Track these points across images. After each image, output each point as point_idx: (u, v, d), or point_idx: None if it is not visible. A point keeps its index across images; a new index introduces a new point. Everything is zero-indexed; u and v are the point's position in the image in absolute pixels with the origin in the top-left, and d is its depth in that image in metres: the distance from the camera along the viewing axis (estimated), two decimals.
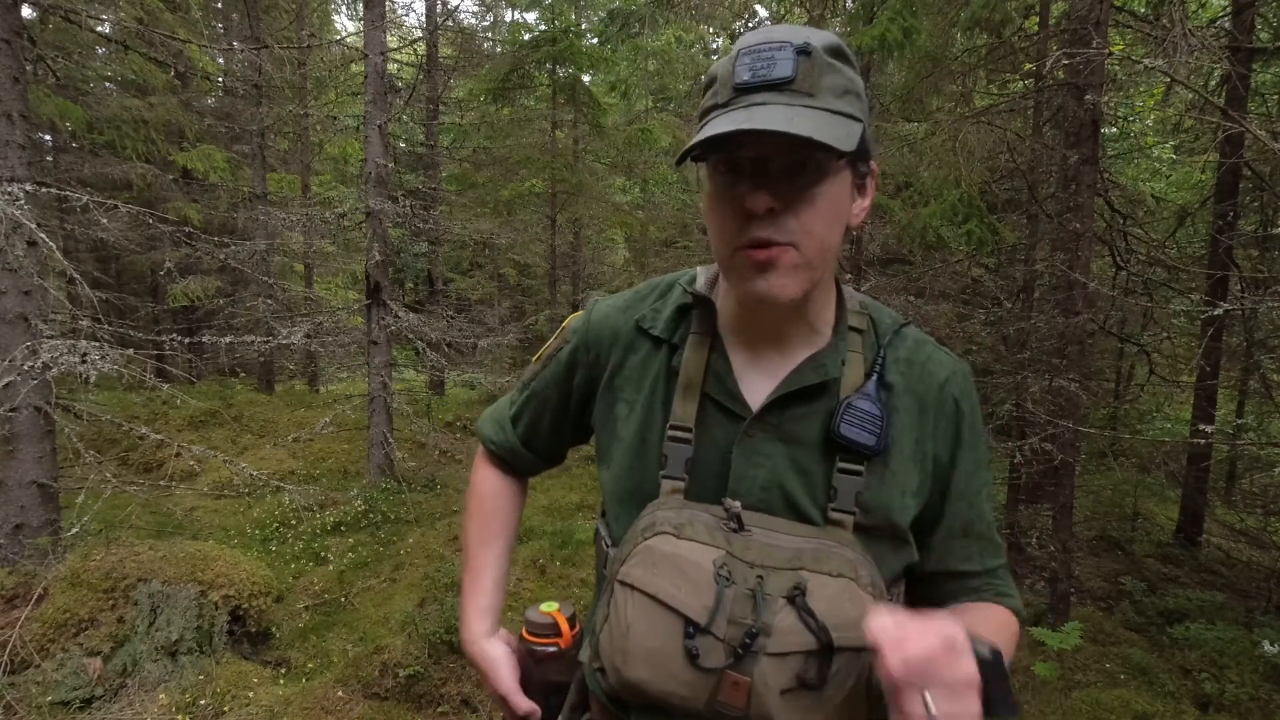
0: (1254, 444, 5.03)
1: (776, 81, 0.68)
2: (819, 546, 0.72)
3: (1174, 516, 6.29)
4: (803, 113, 0.66)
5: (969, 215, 4.30)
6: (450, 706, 3.04)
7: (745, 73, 0.69)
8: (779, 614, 0.68)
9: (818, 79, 0.69)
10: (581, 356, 0.92)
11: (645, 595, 0.71)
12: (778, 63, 0.68)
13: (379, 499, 5.59)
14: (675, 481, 0.78)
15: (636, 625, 0.71)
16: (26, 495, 3.67)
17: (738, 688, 0.68)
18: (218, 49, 10.21)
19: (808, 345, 0.81)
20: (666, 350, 0.85)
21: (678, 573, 0.70)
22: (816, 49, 0.69)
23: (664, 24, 8.01)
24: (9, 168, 3.60)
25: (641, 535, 0.74)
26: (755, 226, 0.70)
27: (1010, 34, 5.49)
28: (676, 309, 0.87)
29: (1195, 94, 4.65)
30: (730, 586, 0.69)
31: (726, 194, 0.72)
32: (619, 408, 0.87)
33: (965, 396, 0.83)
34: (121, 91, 9.88)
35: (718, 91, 0.72)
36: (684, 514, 0.74)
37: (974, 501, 0.84)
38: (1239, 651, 3.80)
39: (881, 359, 0.81)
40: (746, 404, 0.79)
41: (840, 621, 0.68)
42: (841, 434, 0.75)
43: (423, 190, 9.52)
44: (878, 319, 0.85)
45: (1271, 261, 5.61)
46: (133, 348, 4.03)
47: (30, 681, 2.88)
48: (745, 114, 0.67)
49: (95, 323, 3.99)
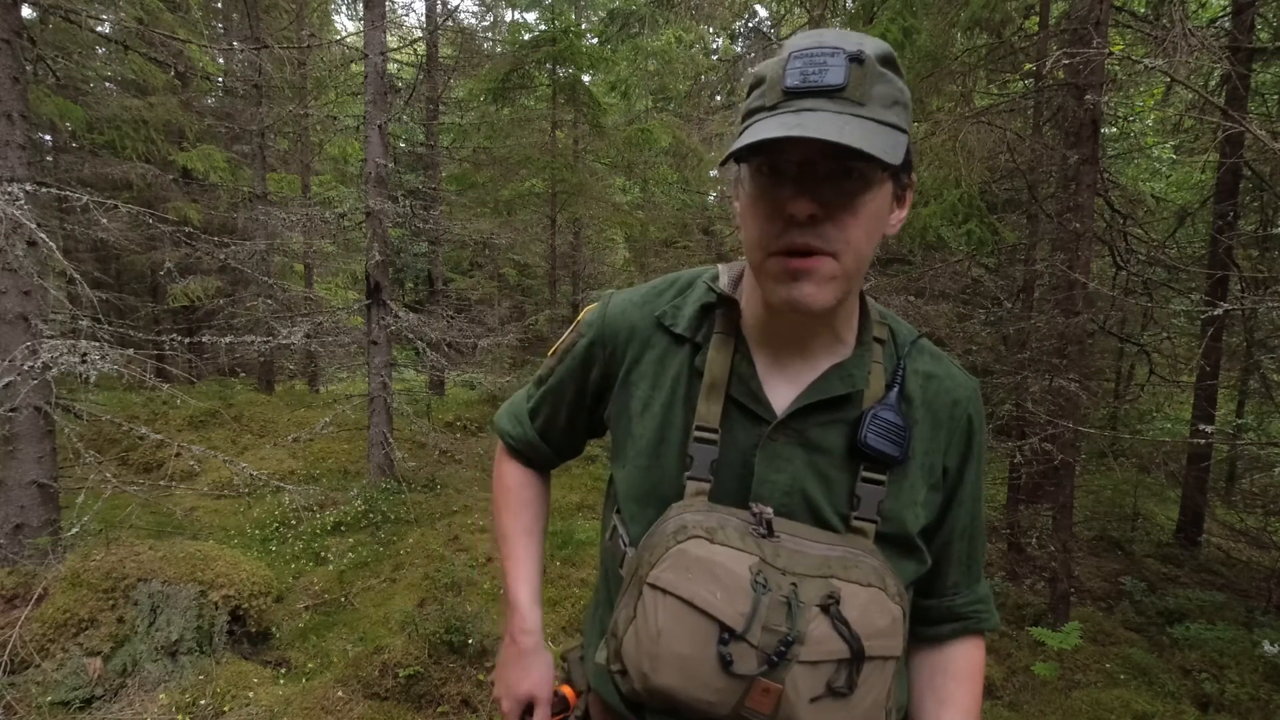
0: (1254, 444, 5.03)
1: (828, 88, 0.67)
2: (846, 554, 0.73)
3: (1174, 516, 6.29)
4: (852, 122, 0.65)
5: (969, 215, 4.30)
6: (450, 706, 3.04)
7: (796, 77, 0.68)
8: (812, 622, 0.68)
9: (869, 88, 0.68)
10: (598, 351, 0.91)
11: (679, 600, 0.70)
12: (830, 69, 0.67)
13: (379, 499, 5.59)
14: (701, 483, 0.78)
15: (669, 630, 0.70)
16: (26, 495, 3.67)
17: (767, 694, 0.68)
18: (218, 49, 10.20)
19: (831, 354, 0.81)
20: (689, 349, 0.84)
21: (712, 578, 0.70)
22: (869, 57, 0.68)
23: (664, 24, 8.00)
24: (9, 168, 3.60)
25: (674, 538, 0.73)
26: (795, 232, 0.69)
27: (1010, 34, 5.49)
28: (700, 307, 0.86)
29: (1195, 94, 4.65)
30: (766, 594, 0.69)
31: (767, 196, 0.71)
32: (634, 404, 0.86)
33: (977, 414, 0.85)
34: (121, 91, 9.88)
35: (765, 93, 0.71)
36: (714, 518, 0.74)
37: (971, 510, 0.87)
38: (1239, 651, 3.80)
39: (902, 371, 0.81)
40: (771, 408, 0.79)
41: (871, 631, 0.69)
42: (869, 444, 0.76)
43: (423, 190, 9.52)
44: (896, 330, 0.86)
45: (1271, 261, 5.61)
46: (133, 348, 4.03)
47: (30, 681, 2.88)
48: (796, 119, 0.66)
49: (95, 323, 3.99)
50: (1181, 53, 3.07)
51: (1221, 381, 5.63)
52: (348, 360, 9.18)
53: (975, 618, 0.89)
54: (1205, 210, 5.82)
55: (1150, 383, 6.13)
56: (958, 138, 4.21)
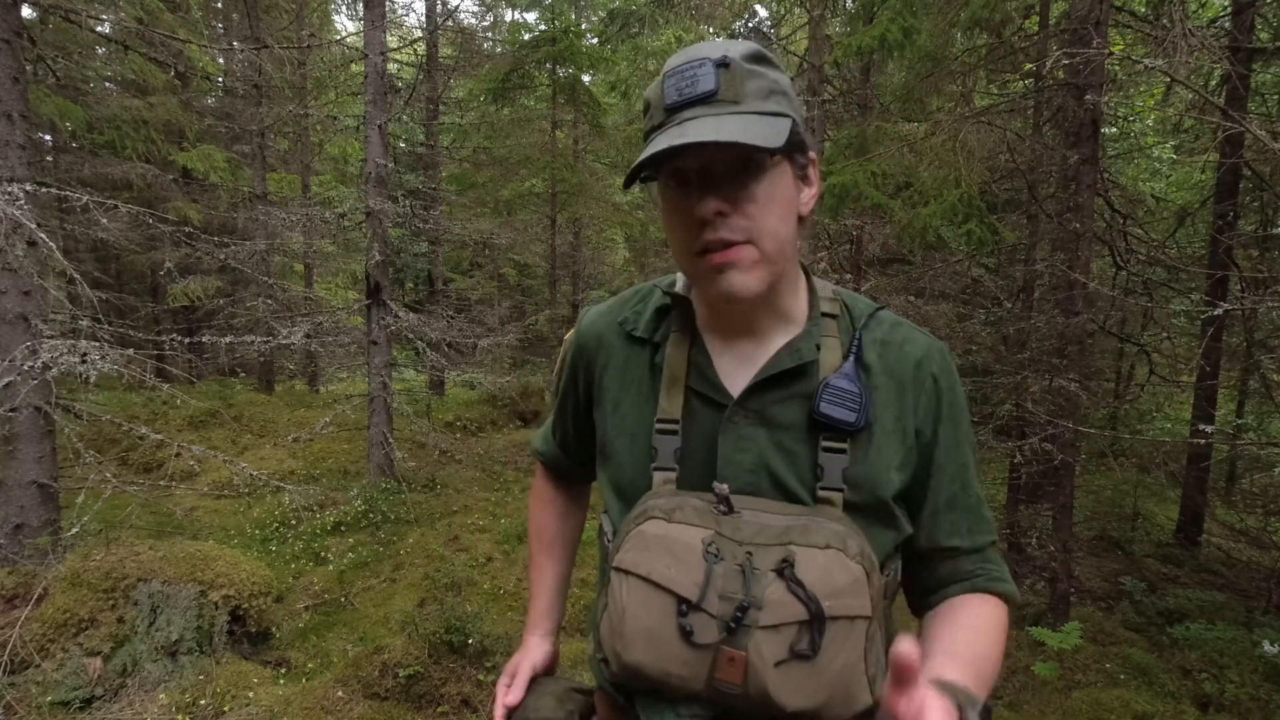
0: (1254, 444, 5.03)
1: (702, 96, 0.73)
2: (808, 522, 0.74)
3: (1174, 516, 6.29)
4: (729, 119, 0.71)
5: (969, 215, 4.30)
6: (450, 706, 3.04)
7: (673, 93, 0.75)
8: (769, 587, 0.69)
9: (740, 86, 0.73)
10: (578, 362, 0.98)
11: (638, 578, 0.73)
12: (700, 79, 0.73)
13: (379, 499, 5.59)
14: (667, 473, 0.81)
15: (632, 608, 0.73)
16: (26, 495, 3.67)
17: (734, 664, 0.69)
18: (218, 49, 10.20)
19: (784, 334, 0.85)
20: (649, 349, 0.89)
21: (668, 553, 0.73)
22: (735, 59, 0.74)
23: (664, 24, 7.99)
24: (9, 168, 3.61)
25: (634, 522, 0.77)
26: (708, 230, 0.74)
27: (1010, 34, 5.49)
28: (656, 310, 0.91)
29: (1195, 94, 4.65)
30: (720, 563, 0.71)
31: (679, 206, 0.77)
32: (607, 406, 0.91)
33: (944, 373, 0.85)
34: (121, 91, 9.88)
35: (653, 115, 0.78)
36: (674, 500, 0.77)
37: (957, 475, 0.85)
38: (1239, 651, 3.80)
39: (858, 341, 0.84)
40: (728, 392, 0.82)
41: (830, 590, 0.69)
42: (822, 413, 0.78)
43: (423, 190, 9.52)
44: (851, 304, 0.89)
45: (1271, 261, 5.61)
46: (133, 348, 4.03)
47: (30, 681, 2.88)
48: (679, 130, 0.72)
49: (95, 323, 3.99)
50: (1181, 53, 3.07)
51: (1221, 381, 5.63)
52: (348, 360, 9.18)
53: (984, 574, 0.86)
54: (1205, 210, 5.82)
55: (1150, 383, 6.13)
56: (958, 138, 4.21)
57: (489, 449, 7.68)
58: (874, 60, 6.09)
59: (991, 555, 0.88)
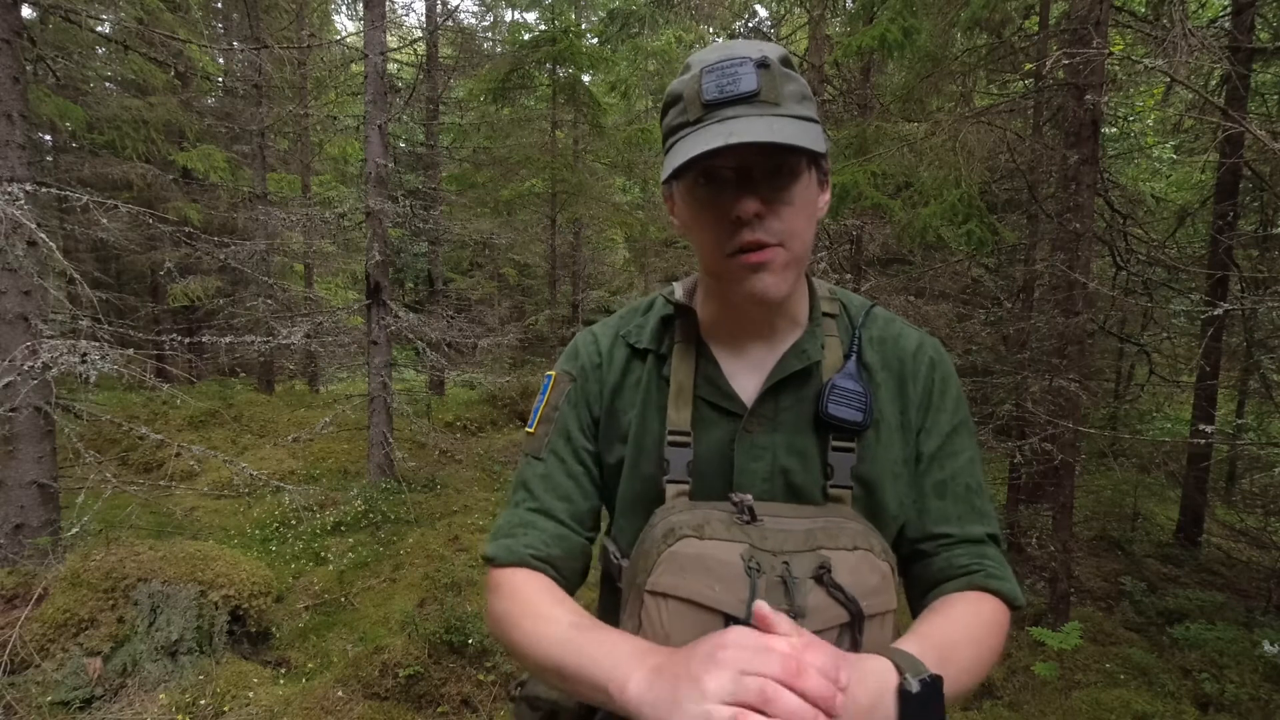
0: (1254, 444, 5.03)
1: (744, 95, 0.72)
2: (828, 524, 0.74)
3: (1174, 516, 6.29)
4: (776, 121, 0.71)
5: (969, 215, 4.30)
6: (450, 706, 3.04)
7: (713, 90, 0.73)
8: (809, 594, 0.70)
9: (779, 89, 0.74)
10: (591, 388, 0.90)
11: (680, 600, 0.71)
12: (742, 77, 0.72)
13: (379, 499, 5.59)
14: (680, 485, 0.80)
15: (676, 633, 0.70)
16: (26, 495, 3.67)
17: None
18: (218, 49, 10.21)
19: (791, 335, 0.85)
20: (655, 360, 0.88)
21: (708, 573, 0.71)
22: (773, 61, 0.74)
23: (664, 24, 7.99)
24: (9, 168, 3.61)
25: (664, 542, 0.73)
26: (746, 231, 0.74)
27: (1010, 34, 5.49)
28: (660, 320, 0.90)
29: (1195, 94, 4.65)
30: (761, 577, 0.70)
31: (712, 203, 0.76)
32: (623, 421, 0.88)
33: (938, 362, 0.87)
34: (121, 91, 9.88)
35: (685, 109, 0.76)
36: (698, 514, 0.75)
37: (947, 464, 0.85)
38: (1239, 651, 3.80)
39: (857, 339, 0.85)
40: (741, 401, 0.82)
41: (865, 590, 0.70)
42: (830, 414, 0.79)
43: (423, 190, 9.52)
44: (848, 303, 0.90)
45: (1271, 261, 5.60)
46: (133, 348, 4.03)
47: (30, 681, 2.88)
48: (724, 127, 0.70)
49: (95, 323, 3.99)
50: (1181, 53, 3.07)
51: (1221, 381, 5.62)
52: (348, 360, 9.18)
53: (981, 570, 0.83)
54: (1205, 210, 5.82)
55: (1150, 383, 6.13)
56: (958, 138, 4.21)
57: (489, 449, 7.68)
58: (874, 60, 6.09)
59: (990, 551, 0.85)
